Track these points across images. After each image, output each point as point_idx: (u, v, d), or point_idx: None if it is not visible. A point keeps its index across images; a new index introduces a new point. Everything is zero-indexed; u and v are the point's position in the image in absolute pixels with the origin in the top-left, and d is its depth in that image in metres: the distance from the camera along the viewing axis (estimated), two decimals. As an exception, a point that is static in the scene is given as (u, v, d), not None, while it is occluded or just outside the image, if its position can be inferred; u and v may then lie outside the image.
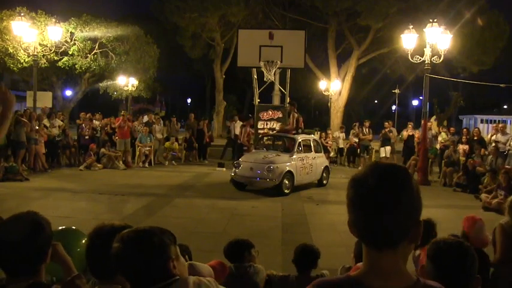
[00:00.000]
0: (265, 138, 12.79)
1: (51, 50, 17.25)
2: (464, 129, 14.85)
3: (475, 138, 13.60)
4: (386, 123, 16.34)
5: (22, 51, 16.80)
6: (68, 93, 26.17)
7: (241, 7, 23.76)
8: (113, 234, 1.77)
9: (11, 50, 18.09)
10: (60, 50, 18.33)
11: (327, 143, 16.49)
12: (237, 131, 16.67)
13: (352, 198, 1.12)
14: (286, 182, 10.45)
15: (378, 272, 1.11)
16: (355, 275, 1.14)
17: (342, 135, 17.75)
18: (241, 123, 17.62)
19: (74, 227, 3.01)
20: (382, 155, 15.76)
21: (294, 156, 10.83)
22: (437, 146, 14.68)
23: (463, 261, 1.92)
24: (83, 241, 2.34)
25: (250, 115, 15.16)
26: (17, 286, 1.71)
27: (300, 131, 12.74)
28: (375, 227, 1.08)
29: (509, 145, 12.27)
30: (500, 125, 13.94)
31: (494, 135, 13.04)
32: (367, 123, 16.77)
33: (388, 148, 15.67)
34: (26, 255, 1.74)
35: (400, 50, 17.16)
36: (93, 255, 1.78)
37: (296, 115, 12.92)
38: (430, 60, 12.75)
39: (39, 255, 1.79)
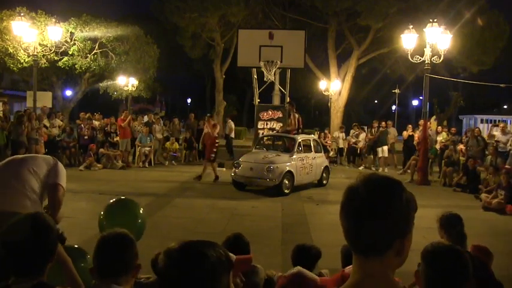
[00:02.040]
0: (265, 138, 12.79)
1: (51, 50, 17.25)
2: (468, 130, 14.91)
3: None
4: (383, 123, 16.28)
5: (22, 51, 16.80)
6: (68, 93, 26.18)
7: (241, 7, 23.75)
8: (120, 237, 1.90)
9: (11, 50, 18.09)
10: (60, 50, 18.32)
11: (326, 142, 16.47)
12: (227, 131, 17.70)
13: (343, 204, 1.18)
14: (286, 182, 10.45)
15: (367, 280, 1.15)
16: (345, 286, 1.19)
17: (342, 135, 17.74)
18: (232, 123, 17.88)
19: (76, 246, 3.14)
20: (380, 154, 15.73)
21: (294, 156, 10.83)
22: (437, 146, 14.68)
23: (458, 264, 1.92)
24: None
25: (208, 114, 13.62)
26: (23, 286, 1.72)
27: (300, 131, 12.75)
28: (360, 234, 1.14)
29: (510, 145, 12.28)
30: (501, 125, 13.95)
31: (495, 132, 13.03)
32: (375, 124, 16.74)
33: (386, 148, 15.64)
34: (34, 255, 1.75)
35: (400, 50, 17.16)
36: (101, 255, 1.87)
37: (297, 115, 12.92)
38: (430, 60, 12.75)
39: (47, 255, 1.80)
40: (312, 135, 14.18)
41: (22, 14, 14.95)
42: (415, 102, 44.96)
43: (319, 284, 2.76)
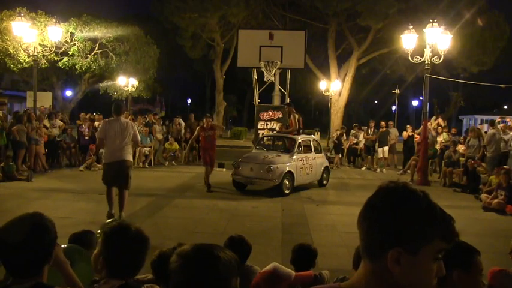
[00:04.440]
0: (265, 138, 12.78)
1: (51, 51, 17.24)
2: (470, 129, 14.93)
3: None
4: (383, 123, 16.20)
5: (22, 51, 16.80)
6: (68, 93, 26.22)
7: (241, 7, 23.78)
8: (126, 232, 1.90)
9: (11, 51, 18.12)
10: (60, 51, 18.32)
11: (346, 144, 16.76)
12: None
13: (363, 205, 1.19)
14: (286, 182, 10.44)
15: (359, 281, 1.15)
16: (344, 284, 1.18)
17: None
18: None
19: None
20: (380, 155, 15.69)
21: (294, 157, 10.82)
22: (438, 147, 14.68)
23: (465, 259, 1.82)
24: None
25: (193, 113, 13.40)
26: (21, 287, 1.71)
27: (300, 131, 12.75)
28: (361, 233, 1.15)
29: (510, 145, 12.27)
30: (508, 121, 13.94)
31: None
32: (372, 124, 16.70)
33: (386, 148, 15.61)
34: (31, 256, 1.74)
35: (400, 50, 17.15)
36: (109, 252, 1.88)
37: (297, 115, 12.91)
38: (430, 61, 12.74)
39: (44, 256, 1.80)
40: (312, 136, 14.17)
41: (22, 15, 14.92)
42: (415, 103, 44.93)
43: (292, 280, 2.76)
